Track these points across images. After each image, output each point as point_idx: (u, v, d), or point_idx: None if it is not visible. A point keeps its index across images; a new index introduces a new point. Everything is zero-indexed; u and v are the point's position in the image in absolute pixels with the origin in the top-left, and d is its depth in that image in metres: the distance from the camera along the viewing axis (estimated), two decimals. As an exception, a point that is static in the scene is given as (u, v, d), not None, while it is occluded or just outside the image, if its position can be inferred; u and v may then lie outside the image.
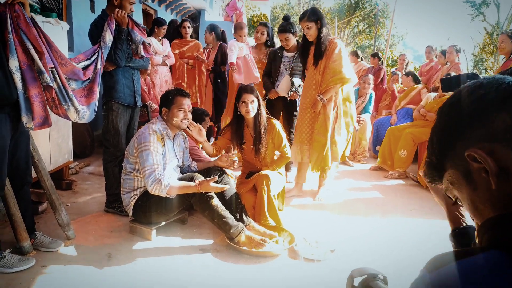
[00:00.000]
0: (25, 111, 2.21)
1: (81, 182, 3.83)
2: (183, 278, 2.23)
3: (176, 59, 5.16)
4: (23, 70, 2.17)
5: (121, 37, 2.85)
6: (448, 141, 0.64)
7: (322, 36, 3.33)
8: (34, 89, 2.22)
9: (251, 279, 2.25)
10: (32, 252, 2.39)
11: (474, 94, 0.61)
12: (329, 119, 3.39)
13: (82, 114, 2.56)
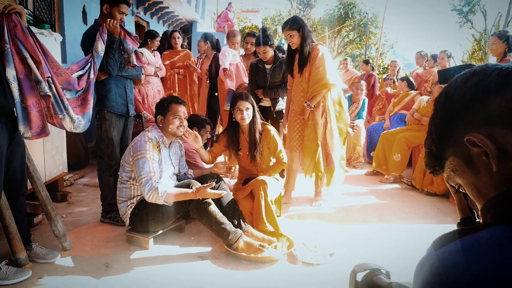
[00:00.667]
0: (23, 120, 2.21)
1: (76, 193, 3.80)
2: (182, 286, 2.20)
3: (167, 70, 5.18)
4: (20, 80, 2.17)
5: (113, 46, 2.86)
6: (447, 129, 0.65)
7: (305, 43, 3.36)
8: (32, 98, 2.22)
9: (251, 285, 2.23)
10: (28, 264, 2.35)
11: (469, 81, 0.63)
12: (318, 124, 3.41)
13: (77, 124, 2.56)
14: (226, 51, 4.42)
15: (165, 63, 5.18)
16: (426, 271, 0.52)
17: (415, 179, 4.27)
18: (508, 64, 0.61)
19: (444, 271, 0.49)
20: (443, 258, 0.51)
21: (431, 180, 4.11)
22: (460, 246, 0.51)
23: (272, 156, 3.12)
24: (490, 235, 0.50)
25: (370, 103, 6.23)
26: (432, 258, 0.52)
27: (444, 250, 0.51)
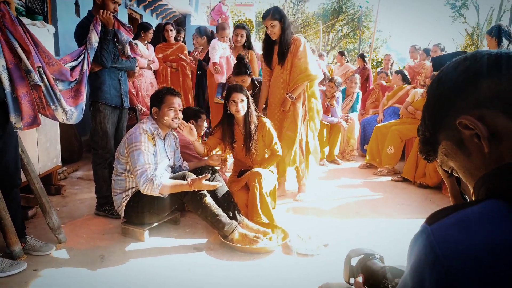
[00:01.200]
0: (14, 111, 2.19)
1: (70, 187, 3.79)
2: (178, 277, 2.22)
3: (160, 63, 5.15)
4: (10, 70, 2.15)
5: (107, 37, 2.84)
6: (440, 114, 0.67)
7: (286, 34, 3.34)
8: (22, 88, 2.20)
9: (246, 276, 2.25)
10: (23, 256, 2.35)
11: (460, 66, 0.65)
12: (298, 116, 3.41)
13: (70, 115, 2.54)
14: (216, 44, 4.39)
15: (158, 56, 5.15)
16: (420, 245, 0.53)
17: (407, 172, 4.32)
18: (498, 50, 0.63)
19: (438, 245, 0.51)
20: (436, 232, 0.52)
21: (424, 173, 4.16)
22: (453, 221, 0.52)
23: (267, 149, 3.13)
24: (483, 209, 0.52)
25: (364, 96, 6.26)
26: (426, 233, 0.53)
27: (437, 224, 0.53)
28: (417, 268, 0.53)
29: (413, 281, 0.54)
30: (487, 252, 0.48)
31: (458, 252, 0.49)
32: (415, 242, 0.55)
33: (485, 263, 0.47)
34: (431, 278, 0.51)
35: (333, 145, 5.10)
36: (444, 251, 0.50)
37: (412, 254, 0.55)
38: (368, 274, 0.99)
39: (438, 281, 0.50)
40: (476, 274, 0.47)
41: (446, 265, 0.49)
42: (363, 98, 6.16)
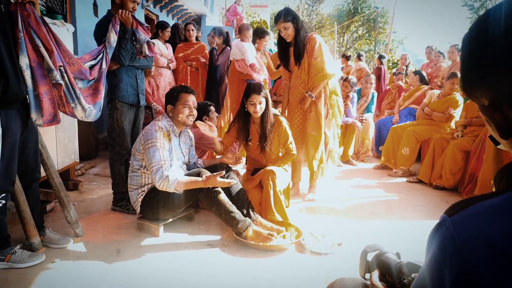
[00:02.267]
0: (35, 108, 2.24)
1: (87, 183, 3.86)
2: (192, 272, 2.24)
3: (180, 62, 5.20)
4: (33, 68, 2.21)
5: (125, 36, 2.89)
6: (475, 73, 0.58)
7: (300, 35, 3.32)
8: (44, 86, 2.26)
9: (260, 273, 2.26)
10: (41, 249, 2.40)
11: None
12: (321, 115, 3.40)
13: (89, 113, 2.58)
14: (247, 45, 4.44)
15: (179, 55, 5.20)
16: (440, 236, 0.53)
17: (423, 173, 4.26)
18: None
19: (458, 236, 0.50)
20: (457, 223, 0.52)
21: (440, 174, 4.10)
22: (473, 212, 0.52)
23: (282, 148, 3.14)
24: (503, 200, 0.52)
25: (379, 97, 6.20)
26: (446, 224, 0.53)
27: (458, 216, 0.53)
28: (437, 260, 0.53)
29: (432, 273, 0.54)
30: (508, 243, 0.47)
31: (479, 243, 0.49)
32: (435, 234, 0.55)
33: (506, 254, 0.47)
34: (451, 269, 0.50)
35: (348, 145, 5.07)
36: (465, 242, 0.50)
37: (431, 246, 0.55)
38: (384, 269, 0.99)
39: (459, 272, 0.49)
40: (497, 265, 0.47)
41: (466, 256, 0.49)
42: (379, 99, 6.11)
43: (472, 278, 0.48)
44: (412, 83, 5.54)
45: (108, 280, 2.13)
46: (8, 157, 2.16)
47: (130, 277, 2.16)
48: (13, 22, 2.15)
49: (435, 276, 0.52)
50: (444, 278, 0.51)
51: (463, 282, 0.49)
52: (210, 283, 2.12)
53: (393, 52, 21.42)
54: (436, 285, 0.52)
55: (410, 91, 5.55)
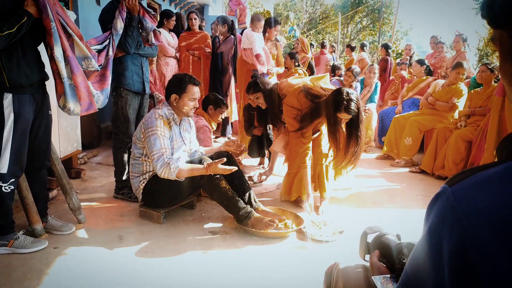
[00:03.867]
0: (72, 97, 2.29)
1: (89, 171, 3.87)
2: (193, 258, 2.25)
3: (182, 51, 5.18)
4: (69, 58, 2.23)
5: (132, 24, 2.87)
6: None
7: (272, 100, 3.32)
8: (80, 76, 2.30)
9: (261, 259, 2.27)
10: (44, 235, 2.42)
11: None
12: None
13: (96, 99, 2.57)
14: (254, 35, 4.42)
15: (182, 44, 5.18)
16: (439, 206, 0.52)
17: (425, 163, 4.25)
18: None
19: (458, 204, 0.50)
20: (457, 193, 0.51)
21: (443, 164, 4.09)
22: (474, 181, 0.51)
23: None
24: (504, 169, 0.51)
25: (383, 87, 6.16)
26: (446, 193, 0.52)
27: (458, 185, 0.52)
28: (436, 229, 0.52)
29: (430, 243, 0.53)
30: (509, 211, 0.47)
31: (479, 211, 0.48)
32: (434, 203, 0.54)
33: (506, 222, 0.46)
34: (450, 238, 0.50)
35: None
36: (465, 210, 0.49)
37: (430, 216, 0.54)
38: (384, 250, 0.99)
39: (458, 241, 0.49)
40: (497, 233, 0.46)
41: (466, 225, 0.48)
42: (382, 89, 6.06)
43: (471, 247, 0.47)
44: (416, 73, 5.48)
45: (110, 266, 2.14)
46: (19, 142, 2.17)
47: (132, 263, 2.18)
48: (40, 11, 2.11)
49: (433, 246, 0.52)
50: (442, 248, 0.50)
51: (462, 251, 0.48)
52: (211, 269, 2.13)
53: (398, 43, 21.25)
54: (434, 254, 0.52)
55: (414, 82, 5.50)
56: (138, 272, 2.08)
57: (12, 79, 2.09)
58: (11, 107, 2.12)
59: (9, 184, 2.18)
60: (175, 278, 2.03)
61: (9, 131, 2.13)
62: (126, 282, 1.99)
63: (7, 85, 2.09)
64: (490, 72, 4.09)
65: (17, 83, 2.11)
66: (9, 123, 2.13)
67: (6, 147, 2.14)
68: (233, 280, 2.03)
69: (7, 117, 2.12)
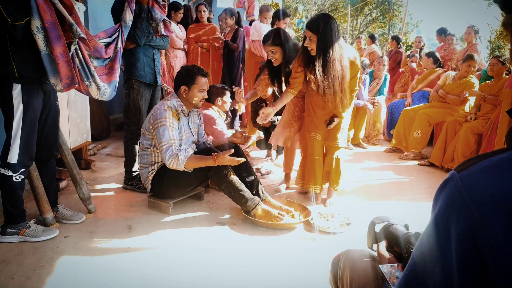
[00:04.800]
0: (52, 72, 2.15)
1: (99, 162, 3.91)
2: (201, 248, 2.27)
3: (191, 43, 5.18)
4: (47, 29, 2.07)
5: (141, 15, 2.88)
6: None
7: (288, 58, 3.00)
8: (59, 48, 2.13)
9: (268, 250, 2.28)
10: (54, 224, 2.46)
11: None
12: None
13: (103, 91, 2.58)
14: (263, 27, 4.40)
15: (190, 36, 5.18)
16: (447, 191, 0.52)
17: (435, 156, 4.21)
18: None
19: (466, 190, 0.50)
20: (465, 178, 0.51)
21: (452, 158, 4.05)
22: (482, 167, 0.51)
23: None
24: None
25: (392, 79, 6.09)
26: (454, 179, 0.52)
27: (466, 171, 0.52)
28: (443, 214, 0.52)
29: (439, 228, 0.53)
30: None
31: (487, 196, 0.48)
32: (442, 189, 0.54)
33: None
34: (457, 223, 0.50)
35: (358, 128, 5.02)
36: (473, 196, 0.49)
37: (438, 201, 0.54)
38: (392, 240, 0.99)
39: (466, 226, 0.49)
40: (505, 218, 0.46)
41: (474, 210, 0.48)
42: (391, 81, 6.00)
43: (479, 231, 0.47)
44: (426, 66, 5.42)
45: (119, 255, 2.18)
46: (28, 132, 2.20)
47: (141, 252, 2.21)
48: None
49: (441, 231, 0.52)
50: (450, 233, 0.50)
51: (469, 235, 0.48)
52: (218, 260, 2.15)
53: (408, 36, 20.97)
54: (442, 239, 0.52)
55: (423, 74, 5.43)
56: (146, 261, 2.11)
57: (21, 70, 2.11)
58: (20, 97, 2.14)
59: (19, 174, 2.21)
60: (183, 268, 2.05)
61: (19, 121, 2.16)
62: (135, 270, 2.01)
63: (16, 75, 2.11)
64: (501, 64, 4.03)
65: (26, 74, 2.13)
66: (18, 114, 2.15)
67: (16, 137, 2.17)
68: (240, 270, 2.05)
69: (16, 107, 2.14)
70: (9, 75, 2.11)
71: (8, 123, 2.17)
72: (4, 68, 2.10)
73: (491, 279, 0.47)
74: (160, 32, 3.06)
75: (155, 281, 1.93)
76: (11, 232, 2.26)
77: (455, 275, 0.50)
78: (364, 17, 25.19)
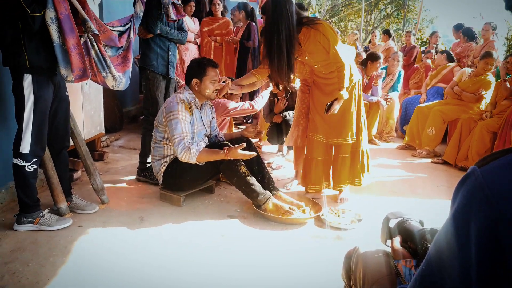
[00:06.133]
0: (64, 63, 2.17)
1: (112, 154, 3.95)
2: (212, 241, 2.28)
3: (204, 36, 5.18)
4: (61, 20, 2.09)
5: (151, 3, 2.91)
6: None
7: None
8: (72, 40, 2.15)
9: (278, 244, 2.28)
10: (68, 214, 2.50)
11: None
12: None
13: (119, 82, 2.59)
14: None
15: (204, 29, 5.18)
16: (468, 186, 0.52)
17: (448, 154, 4.16)
18: None
19: (488, 185, 0.49)
20: (486, 174, 0.50)
21: (466, 156, 3.99)
22: (503, 163, 0.50)
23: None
24: None
25: (406, 75, 6.02)
26: (475, 174, 0.51)
27: (487, 166, 0.51)
28: (463, 209, 0.52)
29: (458, 224, 0.52)
30: None
31: (508, 192, 0.47)
32: (462, 184, 0.54)
33: None
34: (478, 219, 0.49)
35: (371, 124, 4.97)
36: (494, 191, 0.48)
37: (458, 196, 0.54)
38: (406, 235, 0.98)
39: (486, 221, 0.48)
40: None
41: (495, 205, 0.48)
42: (405, 77, 5.93)
43: (500, 226, 0.46)
44: (440, 63, 5.35)
45: (131, 244, 2.20)
46: (40, 123, 2.23)
47: (152, 244, 2.23)
48: None
49: (460, 226, 0.51)
50: (470, 229, 0.49)
51: (490, 230, 0.47)
52: (229, 253, 2.16)
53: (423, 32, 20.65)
54: (461, 234, 0.51)
55: (437, 69, 5.37)
56: (157, 252, 2.13)
57: (33, 61, 2.13)
58: (30, 88, 2.16)
59: (32, 164, 2.24)
60: (193, 260, 2.07)
61: (30, 112, 2.18)
62: (146, 261, 2.03)
63: (27, 66, 2.13)
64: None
65: (37, 65, 2.15)
66: (29, 104, 2.17)
67: (28, 127, 2.19)
68: (250, 264, 2.06)
69: (27, 98, 2.16)
70: (20, 65, 2.13)
71: (19, 114, 2.19)
72: (16, 58, 2.12)
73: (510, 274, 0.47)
74: (171, 17, 3.06)
75: (167, 271, 1.95)
76: (26, 221, 2.30)
77: (473, 270, 0.50)
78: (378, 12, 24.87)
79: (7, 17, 2.07)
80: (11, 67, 2.18)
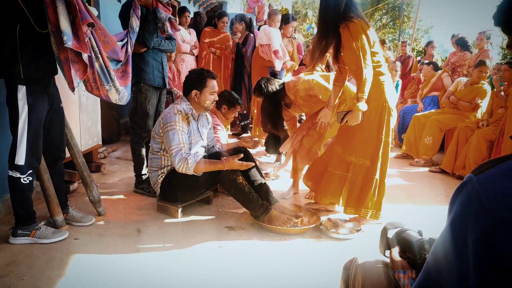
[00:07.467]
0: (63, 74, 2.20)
1: (109, 165, 3.93)
2: (209, 252, 2.26)
3: (204, 48, 5.21)
4: (54, 33, 2.07)
5: (148, 18, 2.91)
6: None
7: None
8: (63, 53, 2.14)
9: (276, 255, 2.26)
10: (65, 226, 2.47)
11: None
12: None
13: (122, 95, 2.58)
14: (272, 31, 4.41)
15: (205, 40, 5.21)
16: (464, 195, 0.51)
17: (446, 163, 4.16)
18: None
19: (484, 194, 0.49)
20: (483, 182, 0.50)
21: (464, 165, 4.00)
22: (500, 170, 0.50)
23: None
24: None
25: (402, 85, 6.07)
26: (471, 183, 0.51)
27: (484, 174, 0.51)
28: (460, 218, 0.51)
29: (455, 232, 0.52)
30: None
31: (505, 200, 0.47)
32: (458, 193, 0.53)
33: None
34: (475, 227, 0.49)
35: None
36: (490, 199, 0.48)
37: (455, 205, 0.53)
38: (405, 246, 0.97)
39: (483, 229, 0.48)
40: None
41: (491, 213, 0.47)
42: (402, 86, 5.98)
43: (496, 234, 0.46)
44: (426, 74, 5.48)
45: (128, 257, 2.18)
46: (34, 134, 2.21)
47: (150, 255, 2.20)
48: None
49: (457, 235, 0.51)
50: (467, 236, 0.49)
51: (487, 239, 0.47)
52: (227, 264, 2.14)
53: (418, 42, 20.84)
54: (458, 243, 0.51)
55: (426, 79, 5.46)
56: (155, 264, 2.11)
57: (28, 72, 2.13)
58: (25, 99, 2.15)
59: (27, 176, 2.22)
60: (191, 272, 2.04)
61: (24, 123, 2.17)
62: (144, 273, 2.01)
63: (22, 77, 2.12)
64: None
65: (32, 76, 2.15)
66: (23, 115, 2.16)
67: (22, 139, 2.18)
68: (249, 275, 2.03)
69: (22, 109, 2.15)
70: (15, 76, 2.12)
71: (14, 125, 2.18)
72: (10, 69, 2.12)
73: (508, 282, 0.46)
74: (167, 32, 3.07)
75: (164, 284, 1.93)
76: (22, 234, 2.27)
77: (471, 279, 0.49)
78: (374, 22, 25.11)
79: (5, 31, 2.08)
80: (5, 78, 2.17)
